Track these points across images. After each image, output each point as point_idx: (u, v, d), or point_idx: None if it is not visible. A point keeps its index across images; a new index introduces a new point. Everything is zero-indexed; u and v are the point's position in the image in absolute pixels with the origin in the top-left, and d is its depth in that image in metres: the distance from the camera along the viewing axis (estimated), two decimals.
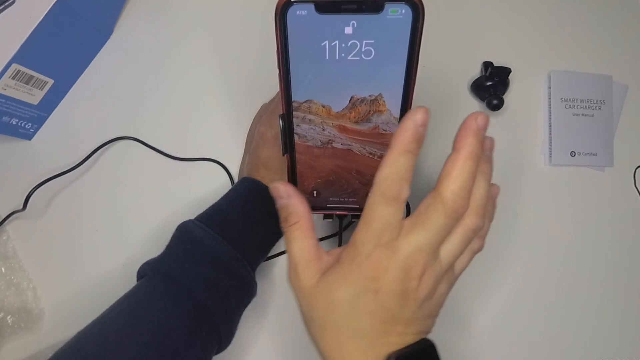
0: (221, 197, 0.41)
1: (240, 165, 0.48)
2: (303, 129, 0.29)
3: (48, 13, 0.40)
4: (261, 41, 0.40)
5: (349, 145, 0.29)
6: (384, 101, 0.27)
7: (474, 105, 0.52)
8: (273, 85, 0.28)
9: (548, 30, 0.54)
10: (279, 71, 0.26)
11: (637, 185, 0.52)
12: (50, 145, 0.49)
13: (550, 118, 0.52)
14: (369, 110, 0.27)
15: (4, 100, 0.42)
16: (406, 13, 0.23)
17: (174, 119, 0.49)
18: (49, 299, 0.45)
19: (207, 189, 0.48)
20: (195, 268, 0.36)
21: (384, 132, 0.28)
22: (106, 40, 0.50)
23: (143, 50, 0.51)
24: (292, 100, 0.27)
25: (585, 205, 0.51)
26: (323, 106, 0.27)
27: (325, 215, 0.34)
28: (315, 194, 0.32)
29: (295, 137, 0.29)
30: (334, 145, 0.29)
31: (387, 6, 0.23)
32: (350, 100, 0.27)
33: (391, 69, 0.25)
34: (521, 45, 0.53)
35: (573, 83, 0.53)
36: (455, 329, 0.47)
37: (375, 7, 0.23)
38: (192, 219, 0.39)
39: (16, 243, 0.46)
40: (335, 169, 0.30)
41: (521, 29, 0.54)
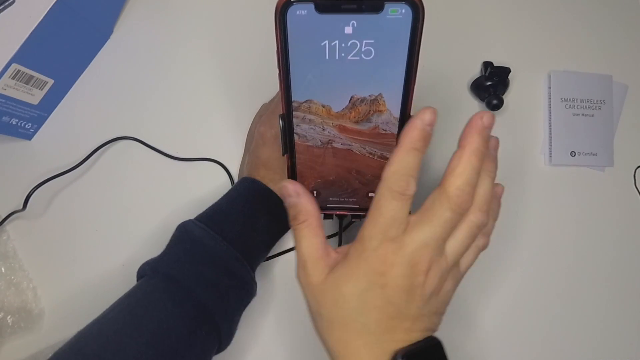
0: (221, 197, 0.41)
1: (240, 165, 0.48)
2: (303, 129, 0.29)
3: (48, 13, 0.40)
4: (261, 41, 0.40)
5: (349, 145, 0.29)
6: (384, 101, 0.27)
7: (474, 105, 0.52)
8: (273, 85, 0.28)
9: (548, 30, 0.54)
10: (279, 71, 0.26)
11: (637, 185, 0.52)
12: (50, 145, 0.49)
13: (550, 118, 0.52)
14: (369, 110, 0.27)
15: (3, 100, 0.42)
16: (406, 13, 0.23)
17: (174, 119, 0.49)
18: (49, 299, 0.45)
19: (207, 189, 0.48)
20: (195, 268, 0.36)
21: (384, 132, 0.28)
22: (106, 40, 0.50)
23: (143, 50, 0.51)
24: (292, 100, 0.27)
25: (585, 205, 0.51)
26: (323, 106, 0.27)
27: (325, 215, 0.34)
28: (315, 194, 0.32)
29: (295, 137, 0.29)
30: (334, 145, 0.29)
31: (387, 6, 0.23)
32: (350, 100, 0.27)
33: (391, 68, 0.25)
34: (521, 45, 0.53)
35: (573, 83, 0.53)
36: (457, 328, 0.47)
37: (375, 7, 0.23)
38: (192, 219, 0.39)
39: (16, 243, 0.46)
40: (335, 169, 0.30)
41: (521, 29, 0.54)
